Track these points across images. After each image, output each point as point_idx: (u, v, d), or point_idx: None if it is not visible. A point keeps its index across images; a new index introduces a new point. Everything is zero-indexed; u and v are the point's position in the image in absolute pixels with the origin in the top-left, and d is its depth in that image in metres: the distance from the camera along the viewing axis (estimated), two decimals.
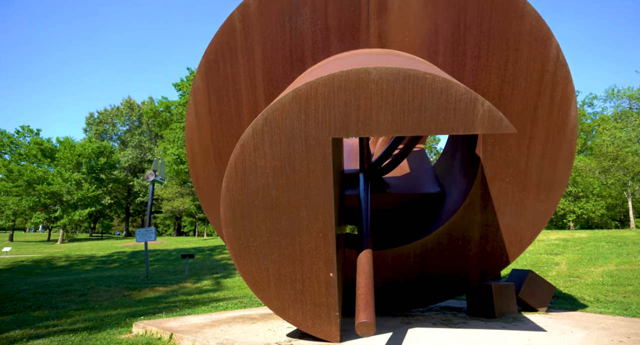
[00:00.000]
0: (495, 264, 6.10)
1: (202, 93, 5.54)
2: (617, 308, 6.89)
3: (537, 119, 5.44)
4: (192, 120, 5.75)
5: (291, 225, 4.13)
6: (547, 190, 5.75)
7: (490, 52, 5.07)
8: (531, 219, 5.90)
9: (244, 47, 5.23)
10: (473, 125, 3.55)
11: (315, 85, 3.59)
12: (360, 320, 3.50)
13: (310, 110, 3.67)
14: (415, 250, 6.25)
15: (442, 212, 6.54)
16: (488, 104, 3.47)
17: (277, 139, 3.82)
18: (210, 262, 17.95)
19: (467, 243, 6.11)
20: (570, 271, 11.03)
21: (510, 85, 5.24)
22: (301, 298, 4.38)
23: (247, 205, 4.11)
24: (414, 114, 3.58)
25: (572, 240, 16.54)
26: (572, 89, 5.25)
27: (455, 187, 6.55)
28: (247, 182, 4.02)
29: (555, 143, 5.54)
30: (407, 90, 3.53)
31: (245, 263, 4.35)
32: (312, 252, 4.21)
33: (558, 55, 5.06)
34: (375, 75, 3.50)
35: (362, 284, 3.95)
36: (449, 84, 3.47)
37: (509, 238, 6.01)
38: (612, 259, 11.92)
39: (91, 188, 46.23)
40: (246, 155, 3.91)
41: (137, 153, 57.99)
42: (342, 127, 3.68)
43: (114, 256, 22.43)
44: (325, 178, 3.90)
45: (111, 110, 62.93)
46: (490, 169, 5.74)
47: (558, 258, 12.95)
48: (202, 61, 5.39)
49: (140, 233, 13.38)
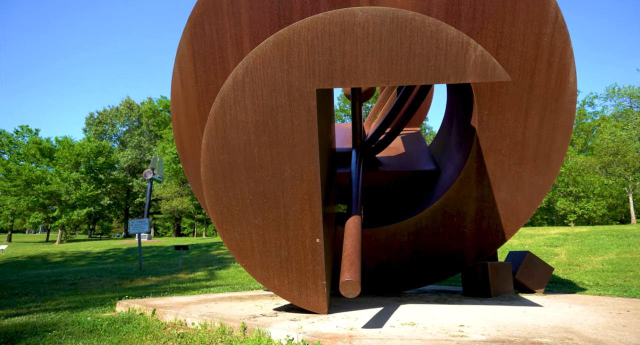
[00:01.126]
0: (491, 241, 5.87)
1: (188, 60, 5.35)
2: (617, 290, 6.67)
3: (534, 86, 5.23)
4: (178, 89, 5.55)
5: (275, 186, 3.91)
6: (544, 163, 5.54)
7: (485, 14, 4.87)
8: (528, 193, 5.68)
9: (230, 10, 5.03)
10: (465, 73, 3.34)
11: (298, 29, 3.39)
12: (344, 278, 3.28)
13: (293, 57, 3.47)
14: (409, 228, 6.03)
15: (436, 188, 6.32)
16: (481, 48, 3.27)
17: (259, 90, 3.61)
18: (206, 257, 17.71)
19: (462, 219, 5.89)
20: (570, 260, 10.78)
21: (507, 49, 5.03)
22: (287, 266, 4.16)
23: (229, 165, 3.90)
24: (403, 60, 3.38)
25: (572, 234, 16.30)
26: (570, 53, 5.05)
27: (450, 162, 6.34)
28: (228, 139, 3.81)
29: (554, 112, 5.33)
30: (395, 34, 3.33)
31: (227, 228, 4.14)
32: (298, 216, 3.99)
33: (557, 16, 4.86)
34: (361, 17, 3.30)
35: (348, 246, 3.74)
36: (440, 26, 3.27)
37: (505, 214, 5.79)
38: (613, 249, 11.68)
39: (90, 188, 46.00)
40: (226, 109, 3.71)
41: (136, 153, 57.80)
42: (327, 76, 3.48)
43: (109, 252, 22.18)
44: (310, 134, 3.69)
45: (110, 111, 62.81)
46: (486, 140, 5.53)
47: (558, 249, 12.71)
48: (187, 26, 5.20)
49: (133, 224, 13.16)
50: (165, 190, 46.79)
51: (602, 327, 3.57)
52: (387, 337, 3.11)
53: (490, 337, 3.13)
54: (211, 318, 4.11)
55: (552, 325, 3.63)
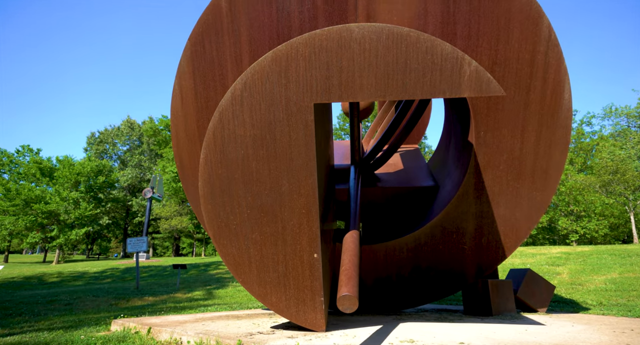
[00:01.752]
0: (491, 258, 5.81)
1: (188, 77, 5.43)
2: (621, 310, 6.55)
3: (530, 102, 5.29)
4: (178, 105, 5.62)
5: (273, 200, 3.91)
6: (542, 178, 5.54)
7: (480, 32, 4.98)
8: (527, 209, 5.66)
9: (230, 29, 5.15)
10: (460, 88, 3.39)
11: (296, 45, 3.46)
12: (342, 293, 3.23)
13: (290, 72, 3.53)
14: (408, 244, 5.98)
15: (435, 204, 6.31)
16: (475, 64, 3.33)
17: (257, 105, 3.65)
18: (204, 276, 17.48)
19: (462, 236, 5.85)
20: (573, 279, 10.64)
21: (502, 67, 5.12)
22: (284, 282, 4.11)
23: (227, 179, 3.91)
24: (399, 75, 3.43)
25: (574, 254, 16.14)
26: (564, 70, 5.13)
27: (448, 178, 6.35)
28: (226, 153, 3.83)
29: (550, 128, 5.37)
30: (391, 50, 3.39)
31: (225, 243, 4.11)
32: (295, 230, 3.97)
33: (550, 35, 4.96)
34: (358, 33, 3.38)
35: (346, 260, 3.70)
36: (435, 42, 3.34)
37: (504, 230, 5.75)
38: (615, 269, 11.54)
39: (89, 207, 45.85)
40: (225, 124, 3.74)
41: (136, 172, 57.89)
42: (324, 90, 3.53)
43: (107, 272, 21.91)
44: (307, 148, 3.71)
45: (112, 130, 63.28)
46: (484, 156, 5.56)
47: (560, 268, 12.56)
48: (188, 44, 5.30)
49: (132, 242, 13.06)
50: (165, 209, 46.63)
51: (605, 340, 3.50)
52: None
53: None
54: (207, 336, 4.03)
55: (554, 343, 3.55)
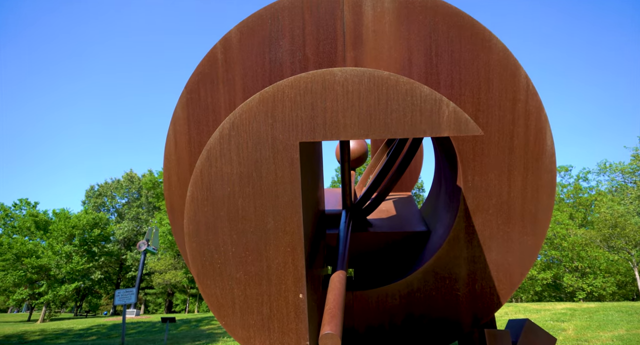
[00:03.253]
0: (486, 305, 5.63)
1: (182, 123, 5.64)
2: None
3: (514, 148, 5.45)
4: (171, 150, 5.77)
5: (258, 238, 3.90)
6: (532, 223, 5.54)
7: (462, 81, 5.27)
8: (519, 254, 5.60)
9: (225, 78, 5.45)
10: (440, 127, 3.54)
11: (282, 87, 3.67)
12: (324, 331, 3.12)
13: (277, 113, 3.70)
14: (400, 290, 5.82)
15: (426, 249, 6.24)
16: (453, 105, 3.51)
17: (244, 143, 3.78)
18: (195, 332, 16.65)
19: (455, 282, 5.71)
20: (578, 336, 10.16)
21: (485, 114, 5.35)
22: (268, 325, 3.97)
23: (212, 217, 3.93)
24: (381, 116, 3.60)
25: (580, 310, 15.54)
26: (545, 118, 5.36)
27: (440, 223, 6.34)
28: (212, 190, 3.89)
29: (535, 172, 5.48)
30: (373, 92, 3.59)
31: (208, 283, 4.02)
32: (281, 269, 3.91)
33: (528, 85, 5.26)
34: (341, 76, 3.59)
35: (330, 299, 3.61)
36: (413, 85, 3.54)
37: (498, 276, 5.64)
38: (622, 325, 11.06)
39: (81, 261, 44.73)
40: (212, 162, 3.84)
41: (133, 225, 57.28)
42: (309, 130, 3.68)
43: (92, 329, 20.88)
44: (293, 185, 3.78)
45: (111, 184, 63.66)
46: (473, 200, 5.61)
47: (565, 325, 12.04)
48: (184, 91, 5.58)
49: (120, 294, 12.63)
50: (160, 263, 45.52)
51: None
52: None
53: None
54: None
55: None
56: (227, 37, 5.47)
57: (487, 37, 5.26)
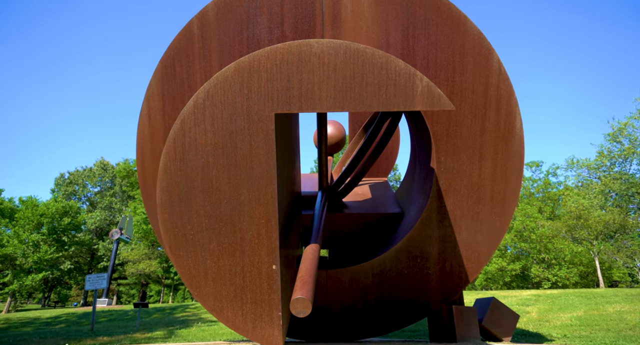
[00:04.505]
0: (455, 283, 5.82)
1: (157, 98, 5.54)
2: (583, 340, 6.59)
3: (485, 131, 5.61)
4: (145, 126, 5.67)
5: (232, 209, 3.90)
6: (500, 203, 5.74)
7: (438, 64, 5.37)
8: (488, 234, 5.80)
9: (201, 54, 5.37)
10: (413, 101, 3.61)
11: (258, 57, 3.65)
12: (295, 296, 3.17)
13: (252, 83, 3.68)
14: (373, 269, 5.94)
15: (400, 229, 6.38)
16: (427, 80, 3.58)
17: (219, 114, 3.76)
18: (168, 319, 16.48)
19: (426, 260, 5.87)
20: (541, 317, 10.65)
21: (459, 97, 5.47)
22: (241, 295, 3.99)
23: (186, 187, 3.90)
24: (356, 89, 3.64)
25: (544, 296, 16.25)
26: (515, 102, 5.53)
27: (413, 204, 6.48)
28: (186, 161, 3.85)
29: (505, 155, 5.67)
30: (348, 65, 3.63)
31: (181, 254, 4.00)
32: (254, 241, 3.93)
33: (500, 69, 5.40)
34: (317, 48, 3.61)
35: (303, 268, 3.66)
36: (389, 59, 3.60)
37: (466, 255, 5.83)
38: (581, 308, 11.67)
39: (50, 250, 43.32)
40: (186, 131, 3.80)
41: (105, 215, 55.75)
42: (285, 101, 3.68)
43: (61, 318, 20.35)
44: (268, 156, 3.79)
45: (83, 171, 61.65)
46: (445, 181, 5.75)
47: (529, 308, 12.58)
48: (159, 66, 5.47)
49: (90, 279, 12.35)
50: (133, 252, 44.59)
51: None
52: None
53: None
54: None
55: None
56: (204, 12, 5.38)
57: (462, 21, 5.36)
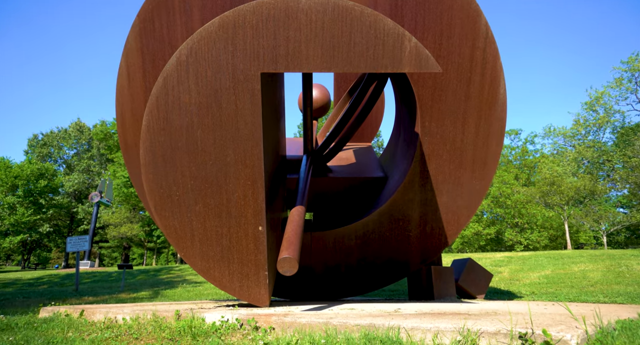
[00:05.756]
0: (434, 244, 6.05)
1: (136, 55, 5.30)
2: (549, 297, 7.01)
3: (470, 95, 5.63)
4: (124, 84, 5.46)
5: (217, 170, 3.88)
6: (481, 168, 5.88)
7: (426, 27, 5.27)
8: (468, 197, 5.97)
9: (182, 8, 5.11)
10: (401, 63, 3.57)
11: (243, 12, 3.51)
12: (282, 256, 3.25)
13: (238, 40, 3.56)
14: (357, 231, 6.09)
15: (383, 193, 6.50)
16: (415, 40, 3.53)
17: (203, 71, 3.64)
18: (153, 280, 16.71)
19: (407, 223, 6.05)
20: (512, 277, 11.26)
21: (445, 60, 5.43)
22: (228, 256, 4.05)
23: (170, 148, 3.84)
24: (344, 48, 3.57)
25: (515, 257, 17.07)
26: (500, 66, 5.52)
27: (397, 169, 6.57)
28: (170, 120, 3.77)
29: (487, 120, 5.73)
30: (337, 23, 3.53)
31: (167, 215, 4.00)
32: (240, 202, 3.95)
33: (487, 32, 5.34)
34: (305, 4, 3.48)
35: (288, 229, 3.73)
36: (377, 17, 3.51)
37: (447, 218, 6.02)
38: (549, 267, 12.36)
39: (27, 213, 42.60)
40: (169, 90, 3.69)
41: (83, 178, 54.52)
42: (271, 60, 3.59)
43: (43, 279, 20.38)
44: (254, 117, 3.74)
45: (58, 133, 59.52)
46: (428, 145, 5.82)
47: (502, 268, 13.25)
48: (136, 20, 5.20)
49: (72, 241, 12.28)
50: (114, 216, 44.24)
51: (526, 309, 3.74)
52: (322, 314, 3.08)
53: (422, 312, 3.19)
54: (144, 312, 3.88)
55: (482, 308, 3.75)
56: None
57: None
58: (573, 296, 6.71)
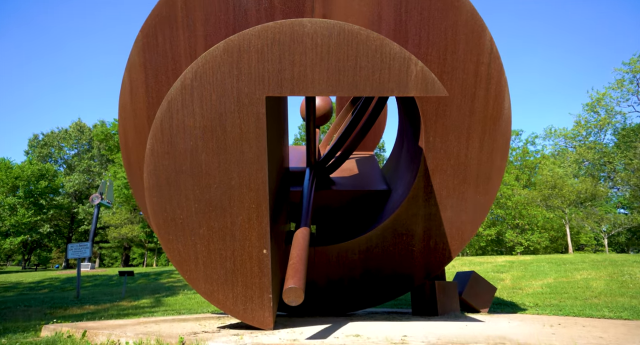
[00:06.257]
0: (438, 259, 6.02)
1: (139, 70, 5.27)
2: (553, 309, 6.99)
3: (474, 111, 5.59)
4: (127, 99, 5.42)
5: (222, 194, 3.84)
6: (485, 183, 5.85)
7: (430, 41, 5.23)
8: (472, 212, 5.93)
9: (185, 23, 5.07)
10: (407, 87, 3.53)
11: (249, 36, 3.47)
12: (288, 285, 3.21)
13: (243, 64, 3.52)
14: (360, 246, 6.06)
15: (387, 207, 6.46)
16: (421, 64, 3.49)
17: (208, 95, 3.61)
18: (154, 285, 16.69)
19: (411, 238, 6.01)
20: (514, 285, 11.23)
21: (450, 76, 5.39)
22: (232, 279, 4.02)
23: (174, 171, 3.80)
24: (349, 72, 3.53)
25: (517, 262, 17.04)
26: (505, 82, 5.49)
27: (400, 182, 6.54)
28: (174, 144, 3.73)
29: (492, 135, 5.70)
30: (342, 47, 3.49)
31: (170, 239, 3.97)
32: (245, 225, 3.92)
33: (492, 48, 5.30)
34: (310, 28, 3.44)
35: (294, 254, 3.69)
36: (384, 42, 3.47)
37: (451, 232, 5.98)
38: (551, 275, 12.33)
39: (27, 214, 42.58)
40: (174, 113, 3.65)
41: (84, 178, 54.51)
42: (276, 84, 3.55)
43: (44, 282, 20.37)
44: (258, 141, 3.70)
45: (58, 133, 59.51)
46: (432, 160, 5.78)
47: (504, 275, 13.21)
48: (140, 35, 5.16)
49: (73, 248, 12.25)
50: (115, 217, 44.23)
51: (533, 335, 3.70)
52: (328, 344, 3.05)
53: (430, 343, 3.15)
54: (147, 336, 3.84)
55: (489, 334, 3.72)
56: None
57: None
58: (577, 310, 6.68)
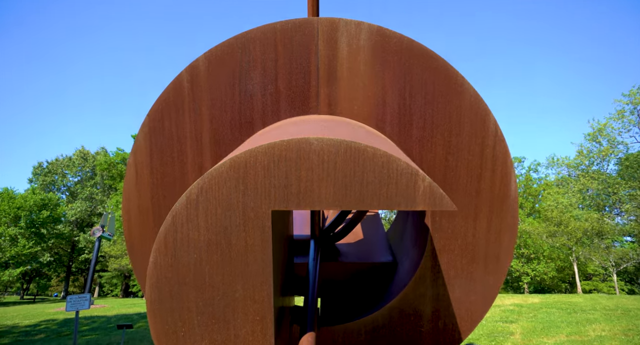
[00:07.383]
0: (448, 341, 5.80)
1: (144, 153, 5.26)
2: None
3: (481, 191, 5.53)
4: (132, 181, 5.38)
5: (225, 306, 3.74)
6: (494, 263, 5.71)
7: (434, 124, 5.23)
8: (481, 292, 5.77)
9: (191, 107, 5.11)
10: (415, 201, 3.47)
11: (255, 153, 3.45)
12: None
13: (249, 180, 3.48)
14: (366, 326, 5.87)
15: (393, 284, 6.30)
16: (429, 179, 3.43)
17: (213, 209, 3.55)
18: None
19: (419, 318, 5.83)
20: (525, 342, 10.87)
21: (455, 157, 5.36)
22: None
23: (177, 283, 3.71)
24: (356, 187, 3.48)
25: (525, 306, 16.64)
26: (510, 163, 5.43)
27: (406, 257, 6.41)
28: (177, 257, 3.65)
29: (499, 215, 5.61)
30: (349, 163, 3.46)
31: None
32: (248, 338, 3.78)
33: (496, 131, 5.30)
34: (317, 146, 3.42)
35: None
36: (390, 158, 3.44)
37: (460, 313, 5.81)
38: (564, 329, 11.97)
39: (28, 244, 42.25)
40: (178, 227, 3.59)
41: (86, 206, 54.40)
42: (282, 199, 3.50)
43: (41, 325, 19.92)
44: (264, 254, 3.62)
45: (62, 161, 59.88)
46: (439, 240, 5.68)
47: (513, 326, 12.84)
48: (146, 120, 5.17)
49: (72, 300, 12.01)
50: (115, 247, 43.82)
51: None
52: None
53: None
54: None
55: None
56: (194, 65, 5.07)
57: (459, 82, 5.20)
58: None
